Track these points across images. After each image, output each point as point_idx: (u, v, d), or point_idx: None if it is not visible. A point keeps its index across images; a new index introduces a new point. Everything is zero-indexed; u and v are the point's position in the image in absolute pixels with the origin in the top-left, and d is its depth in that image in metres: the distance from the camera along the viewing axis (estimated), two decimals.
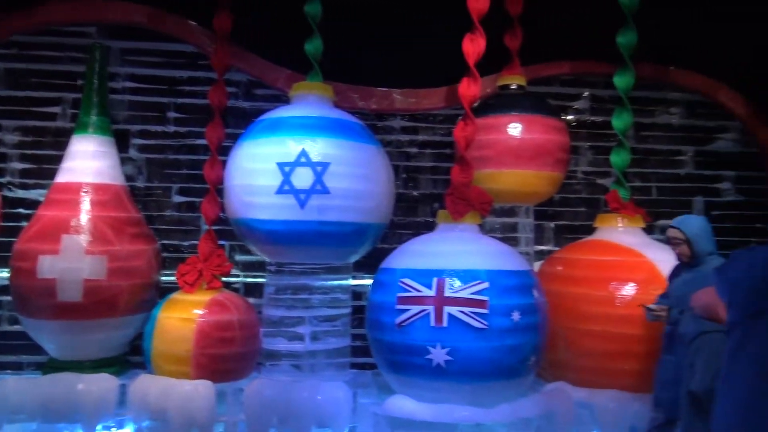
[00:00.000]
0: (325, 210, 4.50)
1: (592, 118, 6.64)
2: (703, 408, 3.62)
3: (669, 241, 4.28)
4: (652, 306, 4.22)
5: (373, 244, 5.08)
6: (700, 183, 6.77)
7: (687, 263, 4.22)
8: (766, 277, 2.26)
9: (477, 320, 4.09)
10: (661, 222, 6.63)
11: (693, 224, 4.16)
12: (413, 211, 6.29)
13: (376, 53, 5.95)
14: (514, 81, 5.69)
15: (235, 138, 5.13)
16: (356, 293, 5.57)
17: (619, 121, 5.58)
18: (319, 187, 4.47)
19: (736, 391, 2.29)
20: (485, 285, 4.18)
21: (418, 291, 4.22)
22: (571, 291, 4.78)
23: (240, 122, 5.60)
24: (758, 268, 2.28)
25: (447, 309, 4.11)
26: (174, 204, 6.04)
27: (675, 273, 4.36)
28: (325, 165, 4.49)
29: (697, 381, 3.77)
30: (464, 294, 4.14)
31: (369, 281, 5.10)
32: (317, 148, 4.55)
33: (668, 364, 4.16)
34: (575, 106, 6.64)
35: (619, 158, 5.58)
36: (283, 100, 5.52)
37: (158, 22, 5.79)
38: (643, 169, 6.67)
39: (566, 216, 6.53)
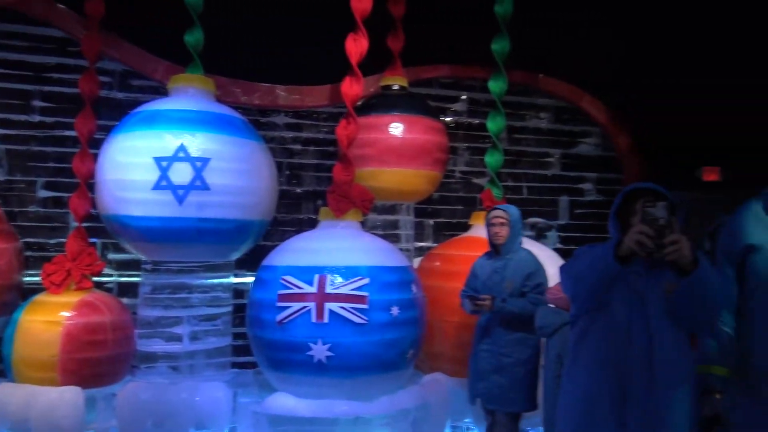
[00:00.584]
0: (205, 206, 4.40)
1: (469, 120, 6.95)
2: None
3: (490, 222, 4.32)
4: (477, 296, 4.18)
5: (255, 242, 5.03)
6: (565, 183, 7.28)
7: (496, 252, 4.32)
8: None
9: (357, 316, 4.18)
10: (531, 219, 7.07)
11: (515, 211, 4.34)
12: (296, 208, 6.29)
13: (260, 48, 5.88)
14: (396, 82, 5.83)
15: (107, 130, 4.88)
16: (238, 291, 5.49)
17: (494, 124, 5.88)
18: (198, 183, 4.37)
19: (577, 383, 2.48)
20: (365, 281, 4.27)
21: (300, 288, 4.24)
22: (448, 285, 4.98)
23: (113, 114, 5.33)
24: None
25: (328, 305, 4.16)
26: (39, 199, 5.65)
27: (481, 264, 4.42)
28: (205, 160, 4.40)
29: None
30: (345, 290, 4.21)
31: (251, 279, 5.05)
32: (197, 142, 4.44)
33: (484, 354, 4.25)
34: (453, 108, 6.91)
35: (493, 159, 5.88)
36: (161, 92, 5.32)
37: (24, 4, 5.39)
38: (515, 170, 7.07)
39: (444, 214, 6.79)
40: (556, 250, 6.14)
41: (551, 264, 4.47)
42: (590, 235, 6.82)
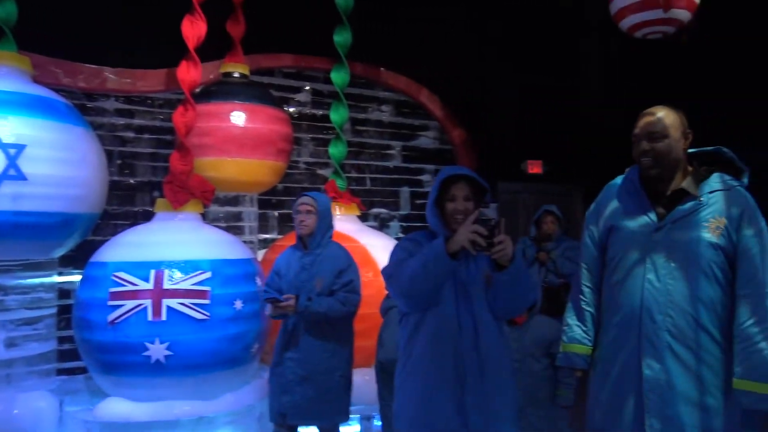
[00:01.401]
0: (22, 198, 3.97)
1: (313, 111, 6.93)
2: (390, 377, 3.49)
3: (296, 210, 3.77)
4: (279, 297, 3.64)
5: (82, 237, 4.64)
6: (406, 175, 7.53)
7: (304, 246, 3.82)
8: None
9: (198, 311, 4.01)
10: (375, 210, 7.24)
11: (324, 200, 3.86)
12: (129, 199, 5.88)
13: (87, 26, 5.40)
14: (237, 69, 5.66)
15: None
16: (63, 291, 5.03)
17: (337, 115, 5.91)
18: (12, 173, 3.92)
19: (415, 376, 2.52)
20: (207, 275, 4.11)
21: (134, 284, 3.98)
22: None
23: None
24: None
25: (166, 302, 3.95)
26: None
27: (286, 261, 3.87)
28: (20, 147, 3.96)
29: (383, 352, 3.84)
30: (185, 285, 4.03)
31: (78, 277, 4.64)
32: (10, 127, 3.98)
33: (289, 363, 3.68)
34: (297, 99, 6.86)
35: (336, 150, 5.91)
36: None
37: None
38: (359, 161, 7.18)
39: (289, 205, 6.73)
40: (398, 239, 6.33)
41: None
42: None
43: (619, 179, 2.81)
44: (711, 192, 2.56)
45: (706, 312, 2.48)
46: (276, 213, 6.62)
